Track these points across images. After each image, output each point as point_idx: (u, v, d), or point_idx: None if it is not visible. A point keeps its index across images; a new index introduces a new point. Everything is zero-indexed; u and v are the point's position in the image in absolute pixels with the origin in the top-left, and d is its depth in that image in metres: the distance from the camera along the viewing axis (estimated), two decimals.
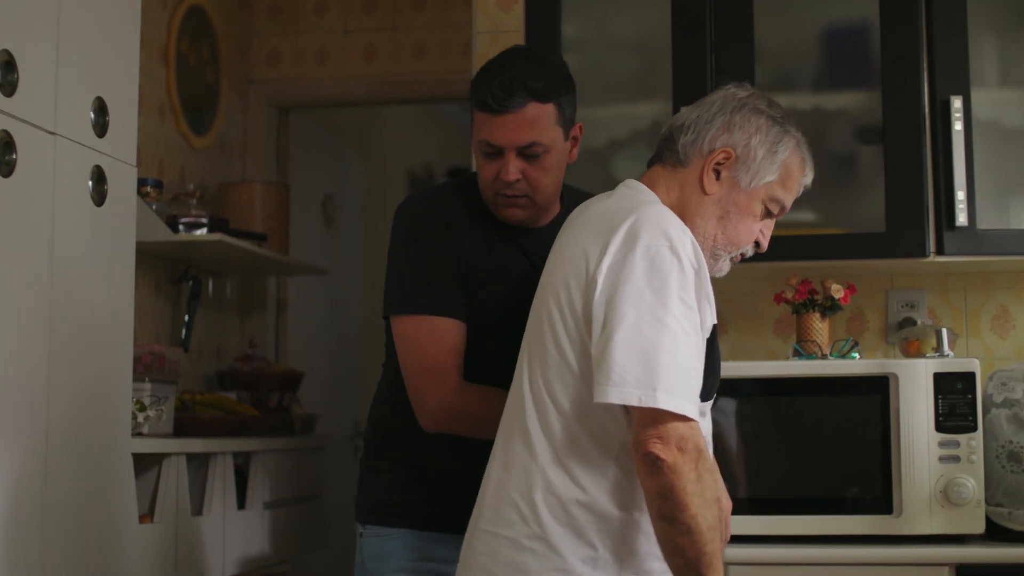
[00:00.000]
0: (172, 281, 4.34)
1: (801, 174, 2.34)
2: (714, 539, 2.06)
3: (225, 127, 4.87)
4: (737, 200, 2.28)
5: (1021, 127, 3.47)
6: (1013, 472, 3.17)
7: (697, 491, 2.03)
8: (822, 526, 3.17)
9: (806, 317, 3.46)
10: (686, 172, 2.30)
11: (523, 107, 2.50)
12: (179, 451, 3.58)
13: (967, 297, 3.72)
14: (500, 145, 2.52)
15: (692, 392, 2.07)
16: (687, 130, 2.31)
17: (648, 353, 2.05)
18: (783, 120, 2.31)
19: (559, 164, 2.58)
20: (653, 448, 2.03)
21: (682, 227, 2.17)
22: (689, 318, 2.09)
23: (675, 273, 2.09)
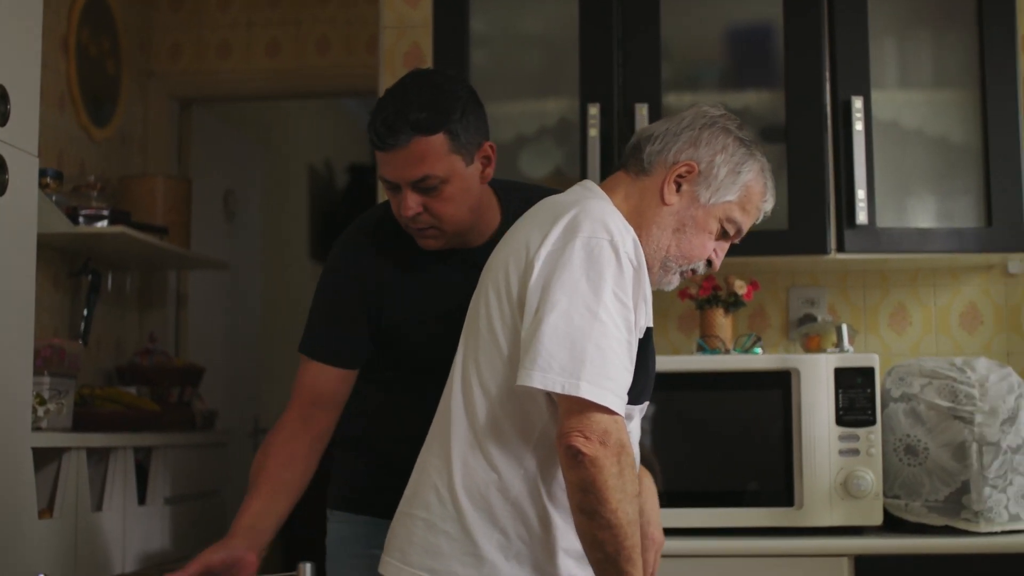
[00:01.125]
0: (71, 274, 4.28)
1: (761, 199, 2.35)
2: (634, 534, 2.07)
3: (126, 119, 4.81)
4: (695, 215, 2.29)
5: (919, 128, 3.55)
6: (910, 465, 3.24)
7: (618, 486, 2.04)
8: (725, 519, 3.21)
9: (710, 313, 3.50)
10: (648, 181, 2.31)
11: (408, 143, 2.40)
12: (79, 445, 3.53)
13: (866, 295, 3.80)
14: (393, 181, 2.46)
15: (618, 387, 2.08)
16: (655, 140, 2.32)
17: (576, 342, 2.06)
18: (750, 144, 2.33)
19: (464, 191, 2.47)
20: (575, 441, 2.04)
21: (625, 225, 2.17)
22: (622, 314, 2.10)
23: (612, 268, 2.10)
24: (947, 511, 3.20)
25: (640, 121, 3.42)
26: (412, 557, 2.20)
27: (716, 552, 3.12)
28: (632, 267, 2.13)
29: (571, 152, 3.51)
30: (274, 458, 2.58)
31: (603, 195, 2.30)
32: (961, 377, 3.24)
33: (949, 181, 3.53)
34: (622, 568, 2.07)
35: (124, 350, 4.70)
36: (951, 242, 3.46)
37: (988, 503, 3.16)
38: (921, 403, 3.25)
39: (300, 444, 2.59)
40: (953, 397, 3.22)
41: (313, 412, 2.60)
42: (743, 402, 3.27)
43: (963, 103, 3.54)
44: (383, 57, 3.93)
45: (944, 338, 3.77)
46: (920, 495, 3.22)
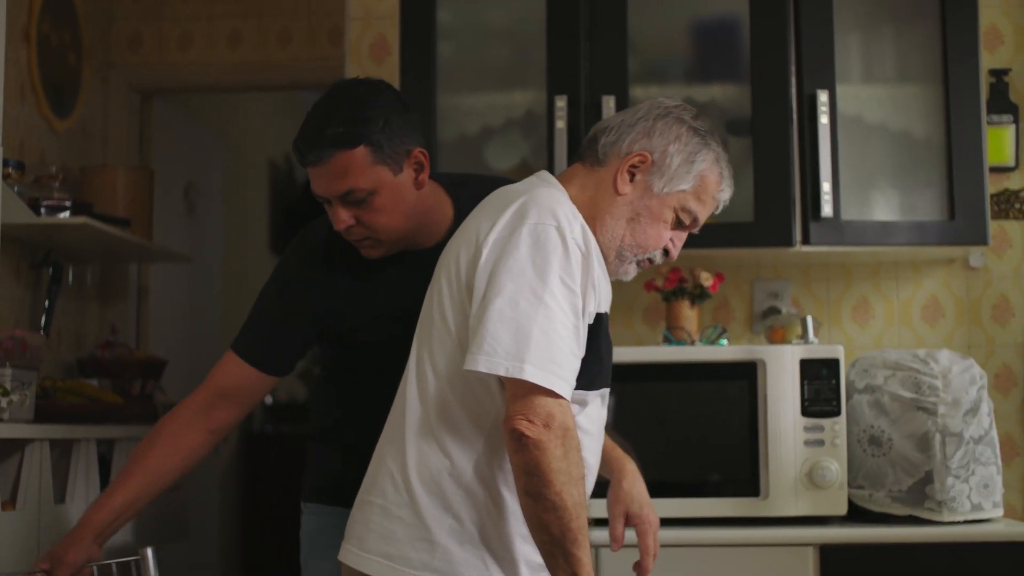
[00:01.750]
0: (32, 266, 4.24)
1: (717, 188, 2.35)
2: (580, 515, 2.08)
3: (87, 111, 4.78)
4: (649, 204, 2.29)
5: (882, 122, 3.58)
6: (874, 456, 3.27)
7: (563, 468, 2.06)
8: (691, 508, 3.23)
9: (676, 304, 3.52)
10: (603, 171, 2.31)
11: (329, 158, 2.39)
12: (42, 437, 3.51)
13: (829, 288, 3.83)
14: (321, 195, 2.45)
15: (564, 371, 2.09)
16: (609, 132, 2.34)
17: (522, 327, 2.08)
18: (706, 133, 2.33)
19: (396, 200, 2.46)
20: (519, 424, 2.06)
21: (574, 212, 2.20)
22: (569, 299, 2.12)
23: (559, 253, 2.12)
24: (911, 501, 3.23)
25: (607, 113, 3.43)
26: (369, 543, 2.22)
27: (682, 542, 3.13)
28: (580, 253, 2.15)
29: (538, 144, 3.52)
30: (160, 447, 2.62)
31: (557, 185, 2.32)
32: (924, 369, 3.27)
33: (912, 175, 3.56)
34: (568, 550, 2.08)
35: (84, 343, 4.67)
36: (914, 235, 3.49)
37: (951, 493, 3.19)
38: (885, 394, 3.27)
39: (192, 436, 2.62)
40: (916, 388, 3.25)
41: (218, 403, 2.62)
42: (709, 393, 3.29)
43: (926, 98, 3.58)
44: (348, 49, 3.92)
45: (906, 331, 3.81)
46: (884, 485, 3.25)
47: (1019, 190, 3.80)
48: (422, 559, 2.17)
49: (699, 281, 3.51)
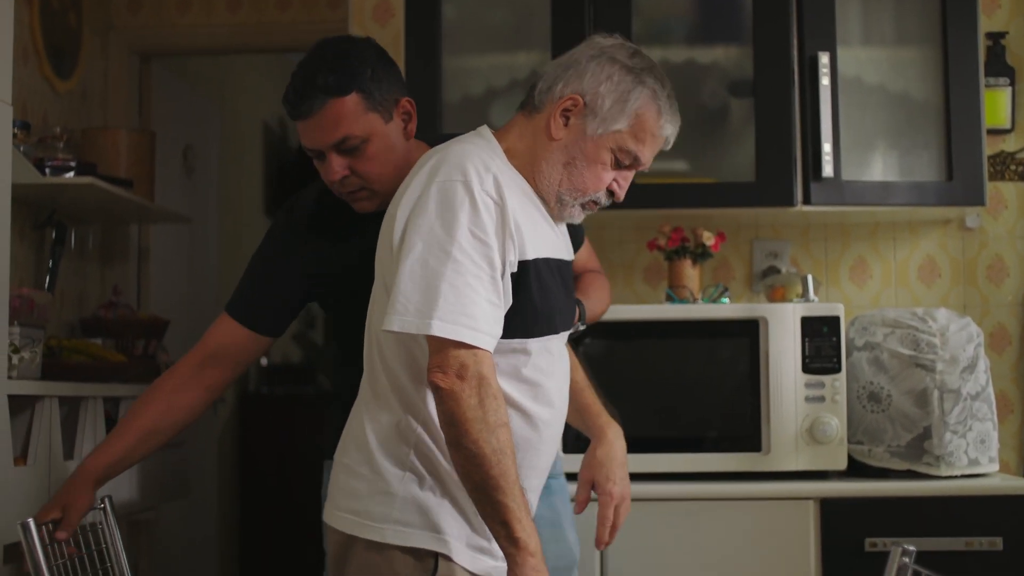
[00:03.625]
0: (36, 226, 4.27)
1: (657, 126, 2.31)
2: (500, 462, 2.10)
3: (87, 72, 4.79)
4: (584, 148, 2.28)
5: (881, 84, 3.62)
6: (873, 412, 3.33)
7: (478, 417, 2.09)
8: (694, 464, 3.29)
9: (678, 263, 3.57)
10: (539, 118, 2.31)
11: (322, 107, 2.43)
12: (52, 394, 3.54)
13: (827, 248, 3.88)
14: (315, 148, 2.49)
15: (477, 322, 2.12)
16: (545, 77, 2.34)
17: (430, 283, 2.11)
18: (640, 71, 2.30)
19: (387, 148, 2.49)
20: (434, 378, 2.11)
21: (485, 165, 2.20)
22: (481, 251, 2.14)
23: (466, 207, 2.14)
24: (909, 456, 3.29)
25: None
26: (339, 501, 2.29)
27: (685, 496, 3.19)
28: (493, 203, 2.17)
29: None
30: (156, 404, 2.70)
31: (486, 137, 2.33)
32: (923, 327, 3.33)
33: (910, 136, 3.61)
34: (492, 497, 2.11)
35: (87, 303, 4.70)
36: (912, 196, 3.54)
37: (949, 448, 3.25)
38: (884, 352, 3.33)
39: (187, 395, 2.70)
40: (915, 346, 3.31)
41: (212, 362, 2.69)
42: (712, 350, 3.34)
43: (924, 60, 3.62)
44: (352, 11, 3.94)
45: (903, 291, 3.86)
46: (883, 441, 3.31)
47: (1015, 152, 3.85)
48: (383, 512, 2.22)
49: (701, 240, 3.56)
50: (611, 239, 3.91)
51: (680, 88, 3.54)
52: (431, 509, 2.21)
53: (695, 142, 3.60)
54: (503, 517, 2.11)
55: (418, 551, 2.20)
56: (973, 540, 3.17)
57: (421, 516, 2.21)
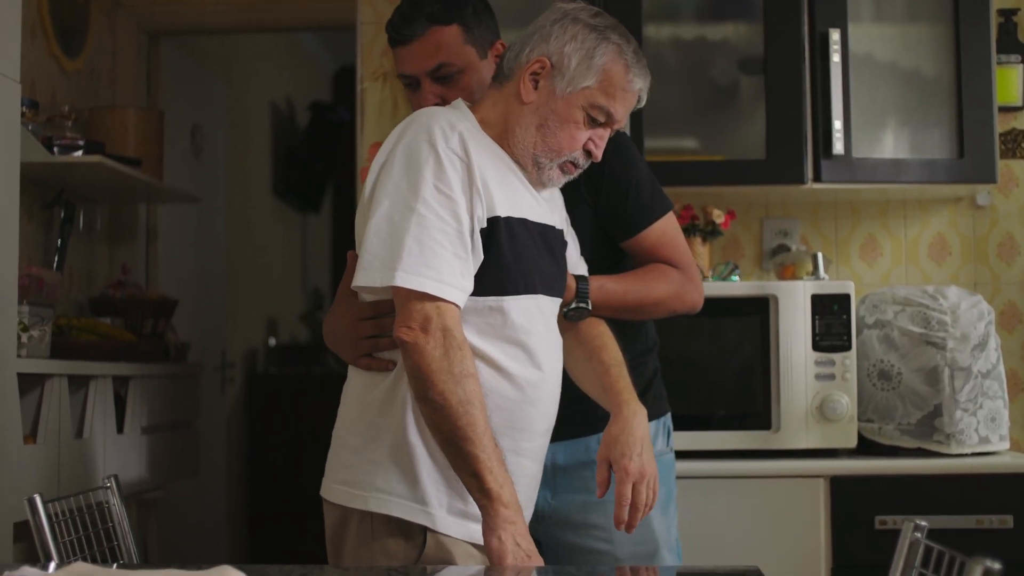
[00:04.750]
0: (45, 206, 4.26)
1: (625, 80, 2.32)
2: (468, 412, 2.11)
3: (95, 51, 4.78)
4: (555, 108, 2.30)
5: (892, 61, 3.60)
6: (883, 390, 3.32)
7: (443, 368, 2.11)
8: (704, 441, 3.28)
9: (688, 241, 3.54)
10: (509, 86, 2.34)
11: (424, 32, 2.51)
12: (62, 372, 3.55)
13: (837, 226, 3.86)
14: (411, 74, 2.55)
15: (442, 274, 2.14)
16: (513, 47, 2.37)
17: (395, 237, 2.15)
18: (604, 28, 2.33)
19: (480, 83, 2.53)
20: (399, 333, 2.14)
21: (451, 124, 2.23)
22: (446, 205, 2.17)
23: (431, 163, 2.18)
24: (919, 434, 3.28)
25: None
26: (333, 473, 2.32)
27: (695, 474, 3.18)
28: (459, 159, 2.20)
29: None
30: None
31: (460, 108, 2.36)
32: (933, 304, 3.32)
33: (921, 114, 3.59)
34: (462, 448, 2.12)
35: (95, 282, 4.70)
36: (923, 173, 3.53)
37: (959, 426, 3.25)
38: (895, 329, 3.32)
39: None
40: (926, 324, 3.30)
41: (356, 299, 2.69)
42: (722, 328, 3.34)
43: (936, 37, 3.60)
44: None
45: (913, 269, 3.85)
46: (893, 418, 3.31)
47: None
48: (368, 480, 2.23)
49: (711, 218, 3.55)
50: None
51: (690, 65, 3.58)
52: (413, 476, 2.21)
53: (705, 119, 3.60)
54: (474, 468, 2.11)
55: (406, 528, 2.20)
56: (983, 518, 3.17)
57: (403, 484, 2.21)
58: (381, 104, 3.83)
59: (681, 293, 2.65)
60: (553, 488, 2.62)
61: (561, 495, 2.64)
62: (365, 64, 3.91)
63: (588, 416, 2.59)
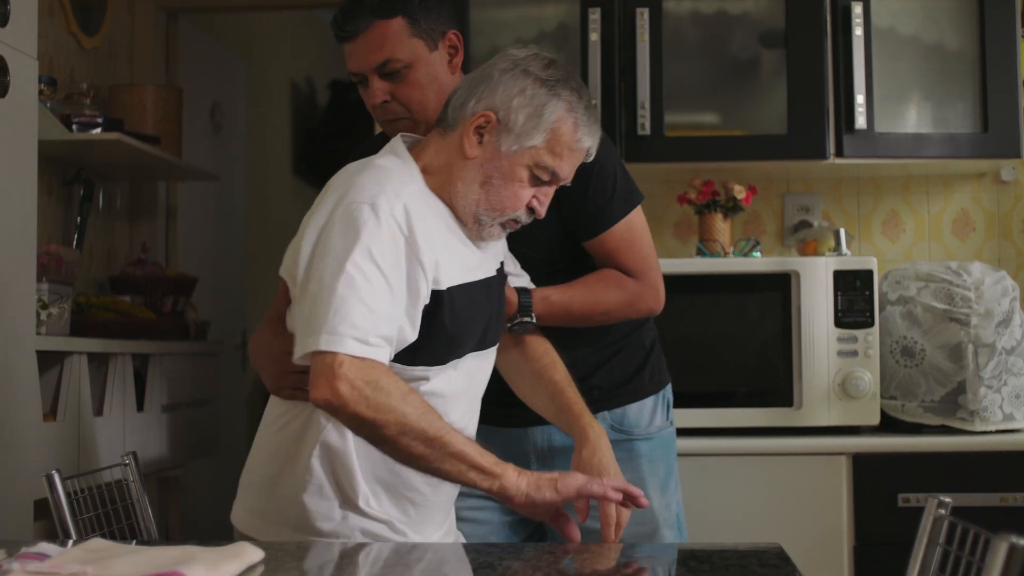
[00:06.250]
0: (64, 183, 4.26)
1: (574, 139, 2.21)
2: (432, 422, 2.05)
3: (114, 28, 4.76)
4: (500, 165, 2.19)
5: (915, 34, 3.56)
6: (906, 367, 3.29)
7: (381, 402, 2.02)
8: (725, 419, 3.27)
9: (708, 217, 3.53)
10: (453, 136, 2.23)
11: (368, 27, 2.43)
12: (81, 350, 3.54)
13: (859, 202, 3.83)
14: (358, 71, 2.48)
15: (363, 332, 2.03)
16: (459, 92, 2.25)
17: (322, 301, 2.05)
18: (555, 83, 2.20)
19: (431, 76, 2.47)
20: (318, 397, 2.03)
21: (396, 193, 2.12)
22: (378, 267, 2.06)
23: (369, 228, 2.07)
24: (943, 411, 3.25)
25: (641, 27, 3.42)
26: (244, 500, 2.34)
27: (717, 451, 3.17)
28: (401, 233, 2.10)
29: (571, 57, 3.51)
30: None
31: (402, 157, 2.25)
32: (957, 280, 3.29)
33: (944, 88, 3.56)
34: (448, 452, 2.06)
35: (115, 260, 4.70)
36: (947, 148, 3.49)
37: (983, 403, 3.22)
38: (918, 306, 3.29)
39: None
40: (949, 300, 3.27)
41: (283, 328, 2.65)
42: (743, 304, 3.31)
43: (959, 10, 3.56)
44: None
45: (936, 245, 3.82)
46: (916, 396, 3.28)
47: None
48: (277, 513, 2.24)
49: (732, 194, 3.52)
50: None
51: (711, 39, 3.54)
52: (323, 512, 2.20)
53: (726, 94, 3.57)
54: (470, 463, 2.07)
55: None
56: (1008, 496, 3.14)
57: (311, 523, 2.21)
58: None
59: (634, 301, 2.58)
60: (551, 468, 2.60)
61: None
62: None
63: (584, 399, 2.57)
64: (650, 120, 3.42)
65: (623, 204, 2.56)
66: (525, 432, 2.69)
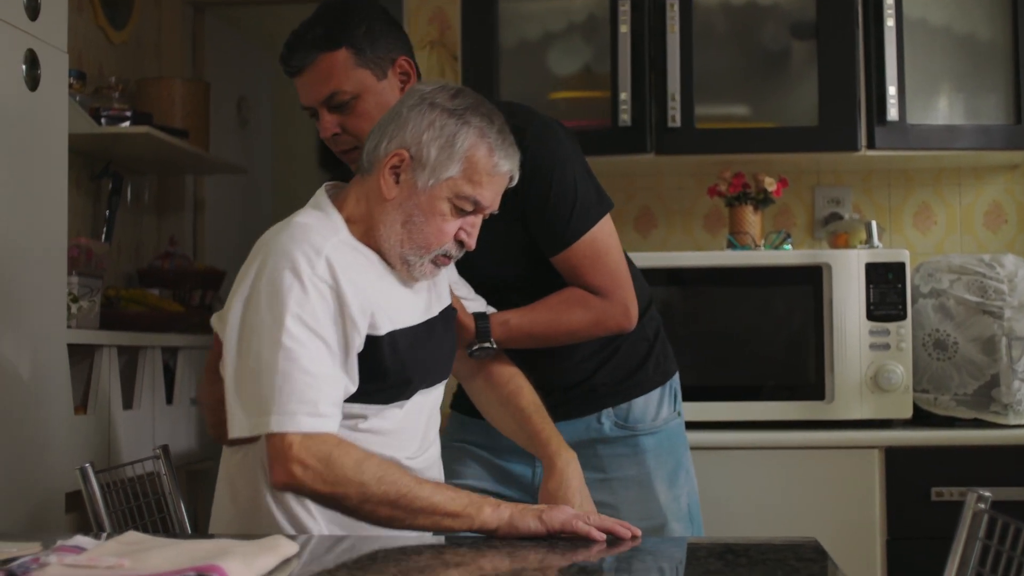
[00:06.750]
0: (93, 177, 4.26)
1: (491, 164, 2.18)
2: (393, 482, 2.03)
3: (141, 22, 4.77)
4: (419, 202, 2.16)
5: (947, 24, 3.54)
6: (939, 360, 3.27)
7: (338, 476, 2.02)
8: (756, 412, 3.25)
9: (739, 210, 3.52)
10: (371, 180, 2.19)
11: (313, 61, 2.42)
12: (111, 343, 3.55)
13: (890, 194, 3.81)
14: (307, 105, 2.47)
15: (314, 405, 2.03)
16: (372, 136, 2.23)
17: (263, 378, 2.03)
18: (463, 111, 2.18)
19: (381, 106, 2.41)
20: (276, 481, 2.03)
21: (316, 248, 2.10)
22: (310, 335, 2.05)
23: (295, 294, 2.05)
24: (976, 404, 3.24)
25: (671, 19, 3.41)
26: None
27: (748, 444, 3.16)
28: (326, 289, 2.08)
29: (600, 49, 3.50)
30: None
31: (325, 210, 2.21)
32: (990, 273, 3.27)
33: (976, 79, 3.53)
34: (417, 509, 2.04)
35: (143, 254, 4.70)
36: (979, 139, 3.47)
37: (1017, 396, 3.20)
38: (950, 298, 3.27)
39: None
40: (982, 292, 3.25)
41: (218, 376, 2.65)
42: (775, 297, 3.30)
43: (991, 0, 3.53)
44: None
45: (968, 237, 3.79)
46: (949, 389, 3.26)
47: None
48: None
49: (763, 186, 3.50)
50: (670, 185, 3.86)
51: (741, 30, 3.53)
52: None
53: (756, 86, 3.55)
54: (444, 511, 2.04)
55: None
56: None
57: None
58: (428, 72, 3.80)
59: (601, 320, 2.51)
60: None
61: None
62: (411, 33, 3.87)
63: (588, 397, 2.59)
64: (680, 112, 3.40)
65: (583, 218, 2.47)
66: None
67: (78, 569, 1.58)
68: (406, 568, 1.84)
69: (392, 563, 1.87)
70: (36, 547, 1.77)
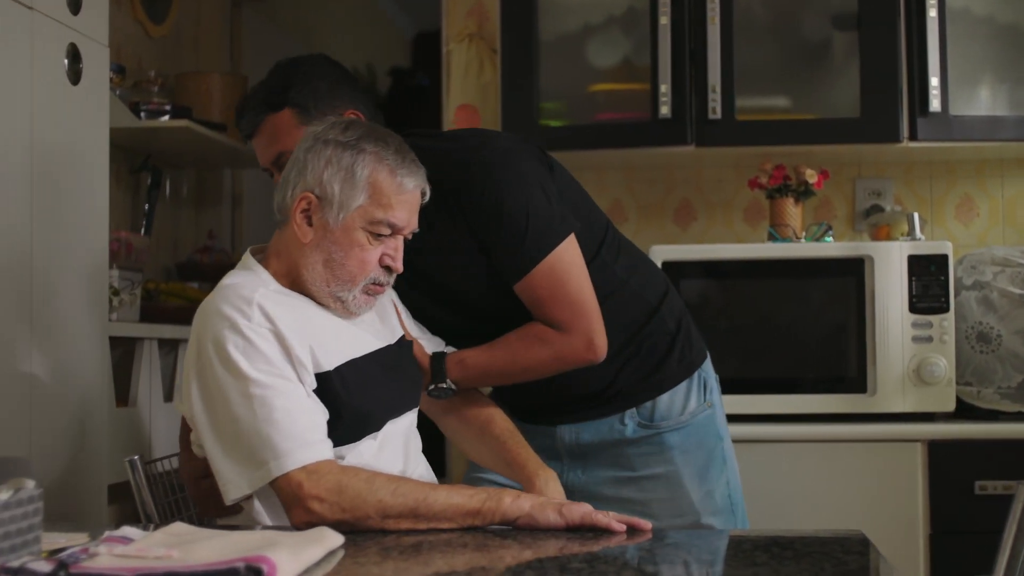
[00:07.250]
0: (132, 171, 4.28)
1: (395, 184, 2.20)
2: (407, 492, 2.04)
3: (180, 17, 4.79)
4: (335, 239, 2.19)
5: (990, 14, 3.51)
6: (982, 352, 3.25)
7: (354, 501, 2.02)
8: (798, 405, 3.24)
9: (780, 202, 3.50)
10: (287, 230, 2.23)
11: (261, 123, 2.45)
12: (152, 336, 3.56)
13: (932, 186, 3.79)
14: (263, 166, 2.49)
15: (301, 438, 2.05)
16: (279, 188, 2.25)
17: (248, 433, 2.05)
18: (356, 140, 2.20)
19: None
20: (297, 522, 2.03)
21: (245, 299, 2.12)
22: (273, 378, 2.07)
23: (242, 348, 2.07)
24: (1020, 397, 3.21)
25: (712, 10, 3.40)
26: None
27: (790, 437, 3.15)
28: (268, 330, 2.10)
29: (640, 41, 3.49)
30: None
31: (252, 268, 2.25)
32: None
33: (1019, 69, 3.51)
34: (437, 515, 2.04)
35: (181, 248, 4.72)
36: (1022, 130, 3.45)
37: None
38: (994, 291, 3.25)
39: None
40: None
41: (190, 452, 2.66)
42: (816, 290, 3.28)
43: None
44: None
45: (1011, 229, 3.77)
46: (992, 382, 3.24)
47: None
48: None
49: (804, 178, 3.48)
50: (710, 178, 3.85)
51: (782, 21, 3.51)
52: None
53: (797, 77, 3.53)
54: (464, 509, 2.05)
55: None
56: None
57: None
58: (467, 65, 3.80)
59: (561, 355, 2.42)
60: (583, 464, 2.59)
61: (591, 471, 2.59)
62: (450, 26, 3.88)
63: (612, 400, 2.55)
64: (721, 104, 3.39)
65: (536, 247, 2.38)
66: (554, 430, 2.62)
67: (127, 559, 1.58)
68: (452, 559, 1.84)
69: (438, 554, 1.87)
70: (83, 538, 1.78)
